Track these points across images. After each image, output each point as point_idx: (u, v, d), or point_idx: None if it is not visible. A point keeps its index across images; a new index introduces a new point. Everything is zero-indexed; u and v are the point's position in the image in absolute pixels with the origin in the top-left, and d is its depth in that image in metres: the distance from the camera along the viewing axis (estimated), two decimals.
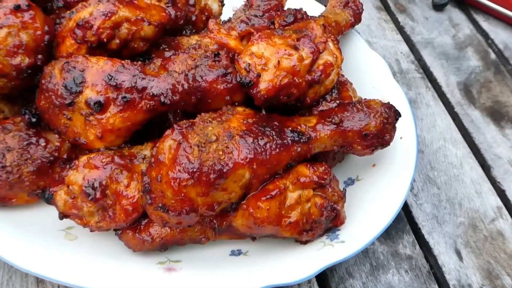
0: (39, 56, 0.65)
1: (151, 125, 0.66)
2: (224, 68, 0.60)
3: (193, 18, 0.81)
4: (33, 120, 0.65)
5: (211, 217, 0.60)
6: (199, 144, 0.53)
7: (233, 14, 0.84)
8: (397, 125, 0.64)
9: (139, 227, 0.60)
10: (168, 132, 0.56)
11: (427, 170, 0.77)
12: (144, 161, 0.61)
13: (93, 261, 0.60)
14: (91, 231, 0.63)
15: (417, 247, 0.69)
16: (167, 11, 0.74)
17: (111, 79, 0.60)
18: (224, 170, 0.53)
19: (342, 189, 0.62)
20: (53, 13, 0.75)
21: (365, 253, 0.68)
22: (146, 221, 0.60)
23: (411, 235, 0.70)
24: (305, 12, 0.78)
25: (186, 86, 0.60)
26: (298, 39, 0.62)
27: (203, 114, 0.59)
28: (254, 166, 0.55)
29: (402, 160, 0.67)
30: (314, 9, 0.83)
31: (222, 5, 0.85)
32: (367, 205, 0.64)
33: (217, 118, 0.58)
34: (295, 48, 0.61)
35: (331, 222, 0.61)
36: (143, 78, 0.61)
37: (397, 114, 0.63)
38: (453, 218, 0.72)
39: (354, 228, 0.62)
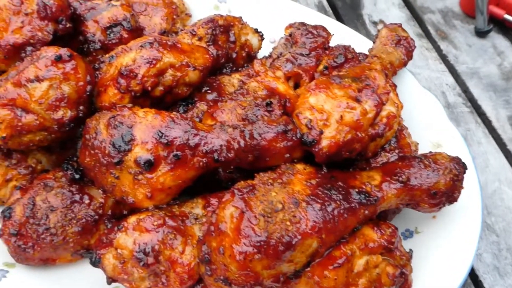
0: (81, 107, 0.62)
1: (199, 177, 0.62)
2: (284, 124, 0.56)
3: (234, 55, 0.77)
4: (77, 176, 0.61)
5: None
6: (265, 214, 0.50)
7: (273, 49, 0.80)
8: None
9: None
10: (227, 197, 0.52)
11: (484, 216, 0.73)
12: (197, 222, 0.58)
13: None
14: None
15: None
16: (210, 53, 0.70)
17: (161, 136, 0.56)
18: (293, 242, 0.49)
19: (408, 250, 0.58)
20: (89, 55, 0.71)
21: None
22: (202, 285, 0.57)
23: None
24: (354, 49, 0.74)
25: (242, 143, 0.56)
26: (359, 90, 0.58)
27: (261, 174, 0.55)
28: (323, 236, 0.51)
29: (465, 213, 0.63)
30: (361, 44, 0.79)
31: (262, 39, 0.81)
32: (432, 266, 0.60)
33: (278, 179, 0.54)
34: (357, 100, 0.57)
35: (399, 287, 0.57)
36: (196, 134, 0.57)
37: (465, 169, 0.59)
38: None
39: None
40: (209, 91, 0.71)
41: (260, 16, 0.87)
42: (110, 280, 0.57)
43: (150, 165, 0.56)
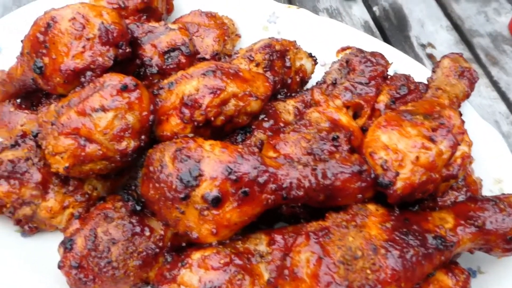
0: (143, 137, 0.60)
1: None
2: (359, 165, 0.54)
3: (289, 81, 0.76)
4: (138, 208, 0.60)
5: None
6: (344, 261, 0.48)
7: (326, 74, 0.78)
8: None
9: None
10: (301, 240, 0.51)
11: None
12: (263, 260, 0.56)
13: None
14: None
15: None
16: (269, 80, 0.68)
17: (230, 172, 0.55)
18: None
19: None
20: (146, 79, 0.70)
21: None
22: None
23: None
24: (413, 79, 0.73)
25: (314, 182, 0.55)
26: (433, 129, 0.56)
27: (334, 215, 0.54)
28: (402, 284, 0.49)
29: None
30: (419, 73, 0.77)
31: (315, 64, 0.79)
32: None
33: (352, 221, 0.52)
34: (432, 140, 0.55)
35: None
36: (265, 171, 0.55)
37: None
38: None
39: None
40: (266, 119, 0.70)
41: (309, 37, 0.86)
42: None
43: (217, 202, 0.55)
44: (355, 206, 0.55)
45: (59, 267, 0.58)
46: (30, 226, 0.65)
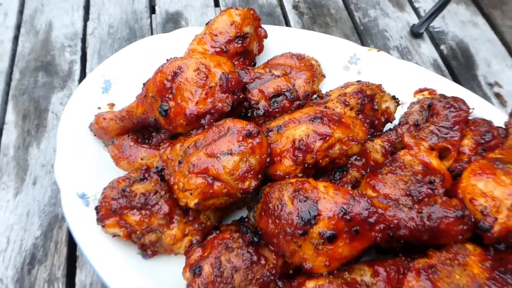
0: (259, 176, 0.68)
1: None
2: (461, 210, 0.61)
3: (376, 122, 0.83)
4: (255, 239, 0.68)
5: None
6: None
7: (407, 115, 0.86)
8: None
9: None
10: (412, 275, 0.58)
11: None
12: None
13: None
14: None
15: None
16: (365, 125, 0.76)
17: (345, 213, 0.62)
18: None
19: None
20: (252, 120, 0.78)
21: None
22: None
23: None
24: (493, 124, 0.79)
25: (420, 224, 0.62)
26: None
27: (438, 254, 0.61)
28: None
29: None
30: (494, 116, 0.84)
31: (398, 105, 0.86)
32: None
33: (454, 260, 0.59)
34: None
35: None
36: (375, 212, 0.63)
37: None
38: None
39: None
40: (358, 158, 0.77)
41: (387, 78, 0.92)
42: None
43: (332, 239, 0.62)
44: (455, 246, 0.62)
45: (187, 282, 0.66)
46: (152, 250, 0.73)
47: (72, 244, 0.82)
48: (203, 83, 0.72)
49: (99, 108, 0.87)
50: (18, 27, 1.14)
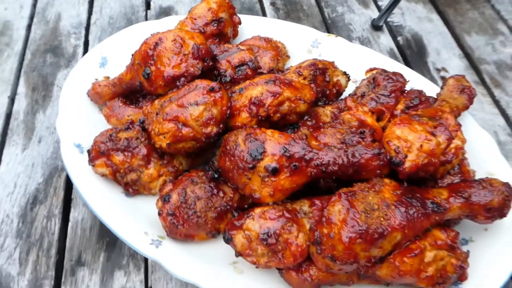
0: (221, 126, 0.83)
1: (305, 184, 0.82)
2: (378, 148, 0.76)
3: (327, 92, 0.98)
4: (216, 175, 0.83)
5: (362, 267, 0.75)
6: (365, 211, 0.69)
7: (357, 88, 1.00)
8: None
9: (301, 269, 0.76)
10: (335, 198, 0.72)
11: None
12: (305, 216, 0.77)
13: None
14: (256, 267, 0.80)
15: None
16: (313, 90, 0.91)
17: (286, 151, 0.77)
18: (385, 233, 0.68)
19: (466, 251, 0.75)
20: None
21: None
22: (306, 264, 0.76)
23: None
24: (425, 93, 0.94)
25: (345, 160, 0.76)
26: (435, 127, 0.77)
27: (359, 184, 0.75)
28: (406, 231, 0.70)
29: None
30: (430, 89, 0.98)
31: (349, 80, 1.01)
32: (484, 266, 0.78)
33: (372, 188, 0.73)
34: (433, 134, 0.76)
35: (457, 278, 0.74)
36: (310, 151, 0.77)
37: None
38: None
39: (475, 282, 0.75)
40: (309, 119, 0.92)
41: (344, 60, 1.07)
42: (238, 254, 0.78)
43: (275, 172, 0.77)
44: (375, 179, 0.76)
45: (159, 214, 0.81)
46: (133, 189, 0.88)
47: (68, 189, 0.97)
48: (178, 51, 0.87)
49: (96, 79, 1.03)
50: (31, 17, 1.32)
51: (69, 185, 0.97)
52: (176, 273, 0.76)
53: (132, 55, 0.94)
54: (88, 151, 0.86)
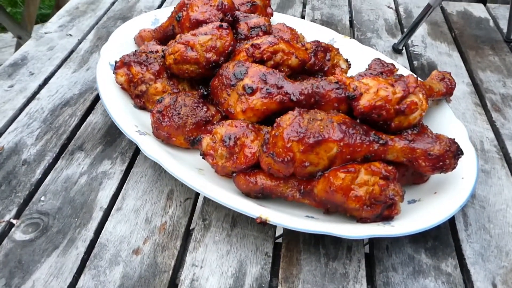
0: (222, 58, 1.00)
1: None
2: (339, 84, 0.87)
3: (326, 68, 1.11)
4: (205, 93, 0.98)
5: (299, 181, 0.82)
6: (309, 119, 0.79)
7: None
8: (459, 162, 0.83)
9: (249, 173, 0.85)
10: (290, 111, 0.83)
11: (484, 221, 0.90)
12: (267, 133, 0.88)
13: (210, 182, 0.85)
14: (216, 171, 0.90)
15: (458, 269, 0.81)
16: (310, 55, 1.05)
17: (263, 76, 0.90)
18: (320, 138, 0.77)
19: (403, 190, 0.80)
20: (236, 41, 1.11)
21: (411, 259, 0.82)
22: (255, 171, 0.85)
23: (455, 259, 0.83)
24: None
25: (310, 91, 0.88)
26: (395, 81, 0.86)
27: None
28: (341, 144, 0.78)
29: (459, 191, 0.84)
30: None
31: (349, 65, 1.14)
32: (421, 213, 0.81)
33: (327, 113, 0.83)
34: (392, 85, 0.86)
35: (387, 209, 0.79)
36: (283, 81, 0.90)
37: (459, 150, 0.82)
38: (497, 261, 0.83)
39: (405, 221, 0.79)
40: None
41: (354, 58, 1.20)
42: (202, 153, 0.89)
43: (251, 90, 0.90)
44: (332, 111, 0.86)
45: (150, 111, 0.96)
46: (141, 100, 1.05)
47: (94, 102, 1.16)
48: (207, 2, 1.08)
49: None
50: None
51: (96, 99, 1.17)
52: (146, 150, 0.89)
53: (174, 7, 1.16)
54: (115, 62, 1.06)
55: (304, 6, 1.65)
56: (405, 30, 1.47)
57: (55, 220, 0.86)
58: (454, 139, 0.83)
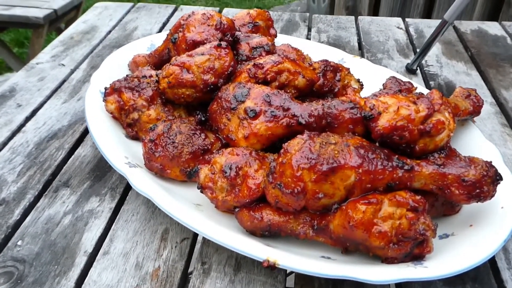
0: (221, 80, 0.90)
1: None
2: (353, 103, 0.76)
3: (336, 90, 1.01)
4: (202, 118, 0.88)
5: (312, 216, 0.71)
6: (321, 142, 0.68)
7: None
8: (497, 188, 0.71)
9: (254, 208, 0.74)
10: (299, 135, 0.72)
11: None
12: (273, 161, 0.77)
13: (210, 219, 0.74)
14: (215, 206, 0.79)
15: None
16: (318, 75, 0.95)
17: (267, 97, 0.80)
18: (335, 165, 0.66)
19: (434, 223, 0.68)
20: (237, 63, 1.02)
21: None
22: (261, 205, 0.74)
23: None
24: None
25: (321, 112, 0.77)
26: (418, 98, 0.76)
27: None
28: (360, 171, 0.66)
29: (499, 223, 0.71)
30: None
31: (361, 86, 1.04)
32: (456, 251, 0.69)
33: (341, 137, 0.72)
34: (414, 103, 0.75)
35: (417, 247, 0.66)
36: (290, 102, 0.80)
37: (497, 175, 0.70)
38: None
39: (439, 261, 0.66)
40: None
41: (366, 78, 1.10)
42: (200, 186, 0.78)
43: (254, 114, 0.80)
44: (347, 134, 0.75)
45: (142, 140, 0.86)
46: (133, 130, 0.95)
47: (83, 134, 1.06)
48: (204, 22, 1.00)
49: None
50: (114, 26, 1.57)
51: (86, 131, 1.07)
52: (136, 184, 0.78)
53: (170, 29, 1.08)
54: (105, 88, 0.97)
55: (309, 30, 1.58)
56: (417, 50, 1.38)
57: (32, 268, 0.75)
58: (491, 161, 0.71)
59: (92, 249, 0.79)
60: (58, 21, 3.12)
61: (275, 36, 1.21)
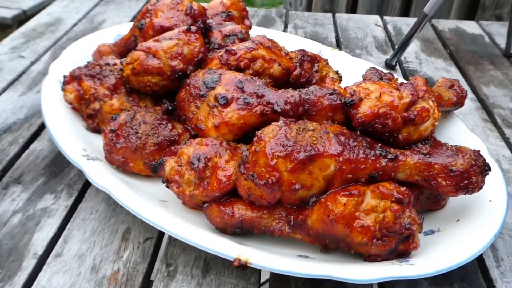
0: (190, 67, 0.83)
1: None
2: (333, 89, 0.71)
3: (313, 81, 0.96)
4: (169, 108, 0.80)
5: (289, 210, 0.64)
6: (298, 129, 0.62)
7: None
8: (486, 181, 0.66)
9: (224, 203, 0.67)
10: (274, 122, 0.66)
11: None
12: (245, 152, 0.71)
13: (176, 216, 0.67)
14: (183, 202, 0.72)
15: None
16: (295, 64, 0.90)
17: (240, 83, 0.74)
18: (313, 153, 0.60)
19: (420, 217, 0.62)
20: (209, 51, 0.96)
21: None
22: (232, 199, 0.67)
23: None
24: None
25: (297, 98, 0.71)
26: (401, 84, 0.71)
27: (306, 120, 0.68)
28: (340, 159, 0.60)
29: (488, 218, 0.66)
30: None
31: (340, 78, 0.98)
32: (443, 248, 0.63)
33: (320, 124, 0.66)
34: (397, 89, 0.70)
35: (402, 242, 0.61)
36: (264, 88, 0.74)
37: (486, 165, 0.65)
38: None
39: (425, 259, 0.61)
40: None
41: (345, 71, 1.05)
42: (166, 180, 0.71)
43: (225, 101, 0.73)
44: (326, 121, 0.69)
45: (102, 131, 0.78)
46: (94, 122, 0.87)
47: (40, 127, 0.98)
48: (173, 7, 0.93)
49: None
50: (81, 19, 1.49)
51: (43, 125, 0.98)
52: (93, 178, 0.70)
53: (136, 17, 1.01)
54: (64, 76, 0.89)
55: (286, 26, 1.53)
56: (395, 47, 1.34)
57: None
58: (479, 150, 0.66)
59: (42, 251, 0.70)
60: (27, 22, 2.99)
61: (250, 27, 1.15)
